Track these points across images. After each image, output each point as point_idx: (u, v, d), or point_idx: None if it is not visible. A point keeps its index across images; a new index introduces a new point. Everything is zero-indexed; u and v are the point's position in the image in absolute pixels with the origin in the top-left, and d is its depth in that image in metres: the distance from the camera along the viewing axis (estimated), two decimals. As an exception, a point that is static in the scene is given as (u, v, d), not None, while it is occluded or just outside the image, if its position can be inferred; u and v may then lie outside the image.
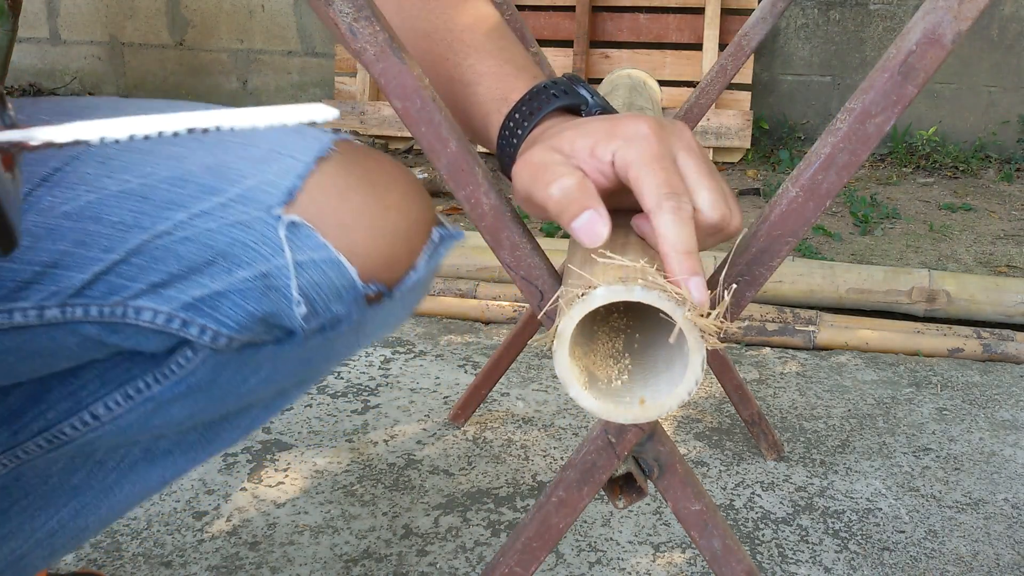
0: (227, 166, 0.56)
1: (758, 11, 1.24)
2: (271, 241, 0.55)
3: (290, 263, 0.55)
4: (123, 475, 0.69)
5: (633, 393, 0.49)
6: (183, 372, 0.60)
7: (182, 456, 0.69)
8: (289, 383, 0.66)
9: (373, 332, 0.64)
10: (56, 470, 0.67)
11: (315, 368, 0.65)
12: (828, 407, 1.53)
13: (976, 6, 0.51)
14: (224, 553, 1.11)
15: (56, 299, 0.56)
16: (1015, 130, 3.34)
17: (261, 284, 0.55)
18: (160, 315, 0.56)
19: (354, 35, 0.56)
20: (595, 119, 0.55)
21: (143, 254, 0.55)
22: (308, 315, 0.57)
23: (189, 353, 0.59)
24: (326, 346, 0.61)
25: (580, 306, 0.46)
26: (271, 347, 0.59)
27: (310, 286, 0.56)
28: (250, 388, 0.62)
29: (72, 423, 0.63)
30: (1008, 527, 1.21)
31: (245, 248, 0.55)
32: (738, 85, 3.22)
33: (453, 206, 2.76)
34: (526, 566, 0.68)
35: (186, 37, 3.88)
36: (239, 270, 0.55)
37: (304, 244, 0.56)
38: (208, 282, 0.55)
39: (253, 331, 0.57)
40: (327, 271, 0.56)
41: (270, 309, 0.56)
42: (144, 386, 0.61)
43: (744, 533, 1.18)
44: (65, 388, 0.63)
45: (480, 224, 0.59)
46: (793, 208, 0.57)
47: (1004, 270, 2.28)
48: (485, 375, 1.40)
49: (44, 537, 0.69)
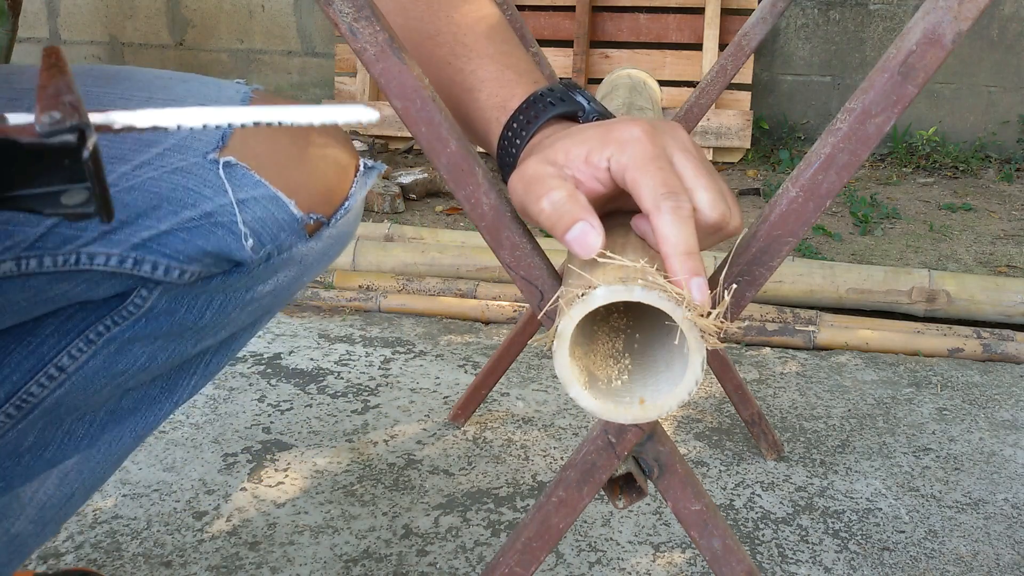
0: None
1: (758, 11, 1.24)
2: (211, 183, 0.59)
3: (232, 200, 0.59)
4: (95, 439, 0.71)
5: (633, 393, 0.49)
6: (140, 311, 0.63)
7: (148, 410, 0.71)
8: (241, 323, 0.69)
9: (315, 263, 0.69)
10: (27, 447, 0.68)
11: (265, 304, 0.68)
12: (828, 407, 1.53)
13: (976, 6, 0.51)
14: (224, 553, 1.11)
15: (10, 253, 0.58)
16: (1015, 130, 3.34)
17: (207, 222, 0.60)
18: (112, 258, 0.59)
19: (354, 35, 0.56)
20: (590, 126, 0.55)
21: None
22: (255, 246, 0.61)
23: (144, 292, 0.62)
24: (271, 276, 0.65)
25: (580, 306, 0.46)
26: (220, 278, 0.63)
27: (254, 220, 0.60)
28: (206, 323, 0.66)
29: (39, 380, 0.65)
30: (1008, 527, 1.21)
31: (187, 191, 0.59)
32: (738, 85, 3.22)
33: (453, 206, 2.75)
34: (526, 566, 0.68)
35: (186, 37, 3.88)
36: (184, 211, 0.59)
37: (242, 183, 0.60)
38: (155, 224, 0.59)
39: (203, 264, 0.61)
40: (267, 206, 0.61)
41: (218, 243, 0.60)
42: (104, 329, 0.64)
43: (744, 533, 1.18)
44: (24, 348, 0.65)
45: (480, 224, 0.59)
46: (793, 208, 0.57)
47: (1004, 270, 2.28)
48: (485, 375, 1.40)
49: (34, 512, 0.71)
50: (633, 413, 0.48)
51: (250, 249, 0.61)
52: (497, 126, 0.61)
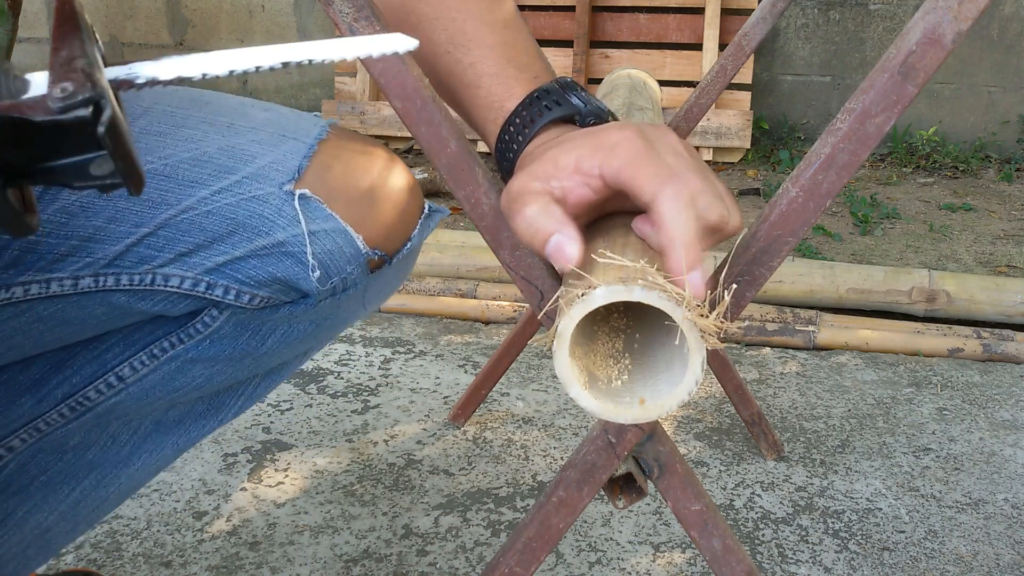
0: (240, 148, 0.63)
1: (758, 11, 1.24)
2: (285, 213, 0.62)
3: (304, 232, 0.62)
4: (137, 446, 0.72)
5: (633, 393, 0.49)
6: (207, 331, 0.65)
7: (192, 425, 0.73)
8: (298, 350, 0.71)
9: (374, 298, 0.70)
10: (71, 446, 0.70)
11: (321, 335, 0.70)
12: (828, 407, 1.53)
13: (976, 6, 0.51)
14: (224, 553, 1.11)
15: (90, 269, 0.61)
16: (1015, 130, 3.34)
17: (278, 251, 0.62)
18: (187, 280, 0.62)
19: (354, 35, 0.56)
20: (580, 133, 0.54)
21: (170, 227, 0.61)
22: (322, 278, 0.63)
23: (215, 312, 0.65)
24: (334, 310, 0.67)
25: (580, 306, 0.46)
26: (288, 308, 0.65)
27: (323, 253, 0.62)
28: (266, 350, 0.68)
29: (98, 386, 0.67)
30: (1008, 527, 1.21)
31: (262, 219, 0.61)
32: (738, 85, 3.22)
33: (453, 206, 2.75)
34: (526, 566, 0.68)
35: (186, 37, 3.88)
36: (258, 238, 0.61)
37: (315, 215, 0.62)
38: (230, 249, 0.61)
39: (272, 290, 0.63)
40: (336, 239, 0.63)
41: (287, 273, 0.62)
42: (169, 345, 0.66)
43: (744, 533, 1.18)
44: (89, 353, 0.68)
45: (480, 224, 0.59)
46: (793, 208, 0.57)
47: (1004, 270, 2.28)
48: (485, 375, 1.40)
49: (67, 509, 0.72)
50: (633, 413, 0.48)
51: (316, 280, 0.63)
52: (494, 127, 0.61)
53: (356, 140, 0.68)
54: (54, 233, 0.60)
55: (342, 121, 3.37)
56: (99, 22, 3.94)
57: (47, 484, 0.70)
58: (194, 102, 0.65)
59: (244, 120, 0.64)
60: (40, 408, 0.67)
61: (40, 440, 0.68)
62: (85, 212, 0.60)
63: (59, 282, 0.61)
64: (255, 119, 0.65)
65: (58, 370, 0.67)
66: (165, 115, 0.63)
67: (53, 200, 0.59)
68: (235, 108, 0.65)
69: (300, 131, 0.64)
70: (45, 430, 0.68)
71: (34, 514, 0.70)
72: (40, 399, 0.67)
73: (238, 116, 0.64)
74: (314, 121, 0.66)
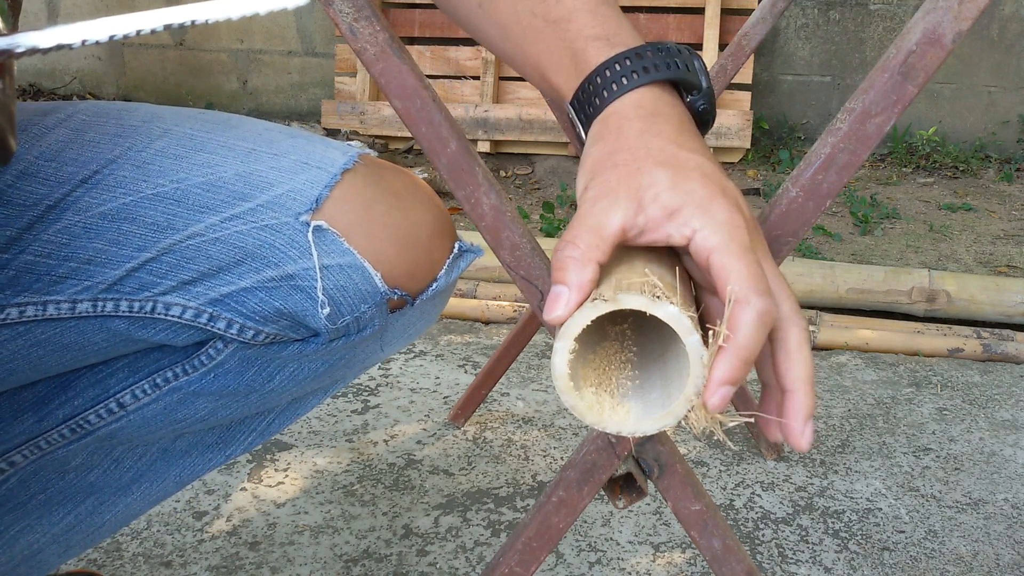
0: (257, 174, 0.59)
1: (758, 11, 1.24)
2: (298, 244, 0.58)
3: (316, 266, 0.58)
4: (140, 474, 0.70)
5: (624, 405, 0.48)
6: (212, 364, 0.63)
7: (199, 457, 0.70)
8: (310, 388, 0.67)
9: (394, 340, 0.66)
10: (74, 466, 0.69)
11: (337, 374, 0.66)
12: (828, 407, 1.53)
13: (976, 6, 0.51)
14: (224, 553, 1.11)
15: (88, 293, 0.59)
16: (1015, 130, 3.34)
17: (287, 284, 0.58)
18: (188, 310, 0.59)
19: (354, 35, 0.56)
20: (692, 166, 0.47)
21: (174, 253, 0.58)
22: (332, 315, 0.59)
23: (220, 345, 0.62)
24: (349, 351, 0.63)
25: (591, 310, 0.45)
26: (297, 346, 0.61)
27: (335, 289, 0.59)
28: (274, 387, 0.65)
29: (98, 411, 0.65)
30: (1008, 527, 1.21)
31: (273, 250, 0.58)
32: (738, 85, 3.22)
33: (453, 206, 2.75)
34: (526, 566, 0.68)
35: (186, 37, 3.88)
36: (266, 270, 0.58)
37: (330, 249, 0.58)
38: (236, 280, 0.58)
39: (278, 326, 0.60)
40: (352, 276, 0.59)
41: (295, 308, 0.59)
42: (172, 376, 0.64)
43: (744, 533, 1.18)
44: (93, 376, 0.66)
45: (480, 224, 0.59)
46: (793, 208, 0.57)
47: (1004, 270, 2.28)
48: (485, 375, 1.40)
49: (61, 532, 0.70)
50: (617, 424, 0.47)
51: (326, 317, 0.59)
52: (596, 54, 0.51)
53: (387, 171, 0.64)
54: (54, 254, 0.58)
55: (342, 121, 3.37)
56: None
57: (45, 503, 0.69)
58: (218, 125, 0.62)
59: (267, 146, 0.61)
60: (42, 426, 0.66)
61: (42, 457, 0.67)
62: (87, 233, 0.58)
63: (56, 305, 0.59)
64: (279, 146, 0.61)
65: (61, 391, 0.66)
66: (184, 138, 0.60)
67: (56, 220, 0.58)
68: (260, 134, 0.62)
69: (325, 160, 0.60)
70: (46, 448, 0.67)
71: (27, 534, 0.69)
72: (42, 418, 0.66)
73: (262, 142, 0.61)
74: (343, 149, 0.62)
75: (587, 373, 0.49)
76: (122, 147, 0.60)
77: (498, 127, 3.23)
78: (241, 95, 3.85)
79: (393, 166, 0.65)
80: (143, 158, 0.59)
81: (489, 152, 3.27)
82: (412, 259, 0.61)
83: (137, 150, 0.60)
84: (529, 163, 3.26)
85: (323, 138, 0.64)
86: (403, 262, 0.61)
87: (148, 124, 0.61)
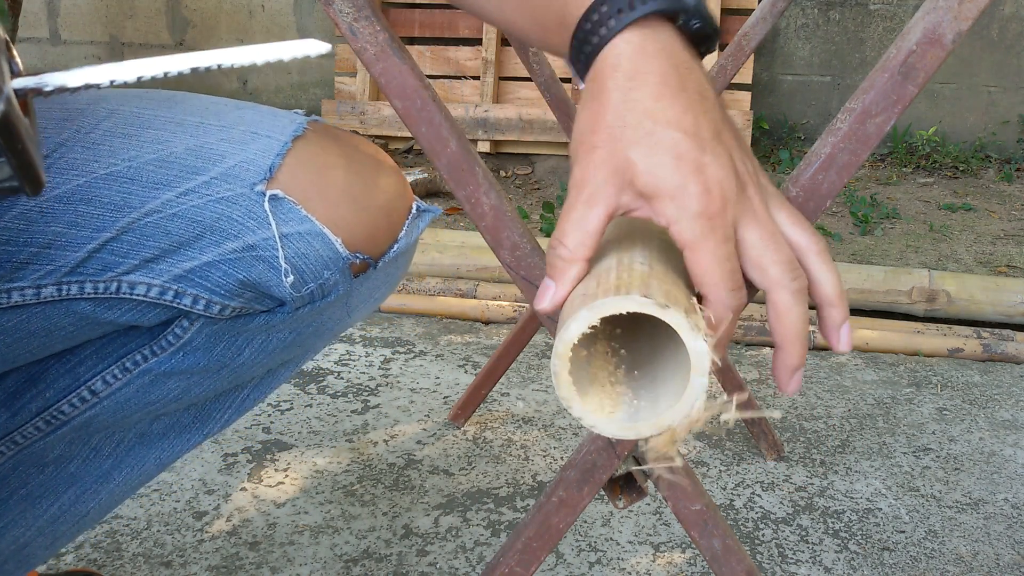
0: (208, 147, 0.59)
1: (758, 11, 1.24)
2: (256, 215, 0.58)
3: (276, 235, 0.58)
4: (120, 460, 0.70)
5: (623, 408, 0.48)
6: (179, 343, 0.63)
7: (177, 438, 0.70)
8: (280, 359, 0.68)
9: (360, 305, 0.66)
10: (53, 458, 0.68)
11: (306, 343, 0.67)
12: (828, 407, 1.53)
13: (976, 6, 0.51)
14: (224, 553, 1.11)
15: (52, 277, 0.58)
16: (1015, 130, 3.34)
17: (249, 255, 0.58)
18: (153, 288, 0.59)
19: (354, 35, 0.56)
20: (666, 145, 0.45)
21: (133, 232, 0.58)
22: (296, 283, 0.60)
23: (185, 323, 0.62)
24: (315, 318, 0.64)
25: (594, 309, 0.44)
26: (263, 317, 0.62)
27: (297, 257, 0.59)
28: (244, 361, 0.65)
29: (71, 400, 0.65)
30: (1008, 527, 1.21)
31: (231, 222, 0.58)
32: (738, 85, 3.22)
33: (453, 206, 2.75)
34: (526, 566, 0.68)
35: (186, 37, 3.88)
36: (227, 242, 0.58)
37: (288, 217, 0.59)
38: (197, 254, 0.58)
39: (244, 298, 0.60)
40: (312, 242, 0.59)
41: (259, 278, 0.59)
42: (141, 358, 0.64)
43: (744, 533, 1.18)
44: (63, 366, 0.65)
45: (480, 224, 0.59)
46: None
47: (1004, 270, 2.28)
48: (485, 375, 1.40)
49: (45, 524, 0.70)
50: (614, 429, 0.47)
51: (290, 286, 0.59)
52: (579, 2, 0.48)
53: (338, 136, 0.64)
54: (12, 240, 0.57)
55: (342, 121, 3.37)
56: (99, 22, 3.94)
57: (26, 498, 0.68)
58: (164, 102, 0.62)
59: (215, 119, 0.61)
60: (15, 421, 0.65)
61: (19, 452, 0.67)
62: (44, 217, 0.57)
63: (20, 292, 0.58)
64: (227, 117, 0.61)
65: (31, 384, 0.65)
66: (132, 116, 0.60)
67: (11, 207, 0.57)
68: (207, 107, 0.62)
69: (275, 128, 0.61)
70: (22, 443, 0.66)
71: (11, 529, 0.69)
72: (15, 412, 0.65)
73: (209, 115, 0.61)
74: (291, 118, 0.62)
75: (584, 374, 0.49)
76: (69, 130, 0.59)
77: (498, 127, 3.23)
78: (241, 95, 3.85)
79: (344, 131, 0.65)
80: (92, 139, 0.59)
81: (489, 152, 3.27)
82: (371, 222, 0.62)
83: (85, 131, 0.59)
84: (529, 163, 3.26)
85: (271, 108, 0.64)
86: (363, 226, 0.61)
87: (93, 106, 0.61)
